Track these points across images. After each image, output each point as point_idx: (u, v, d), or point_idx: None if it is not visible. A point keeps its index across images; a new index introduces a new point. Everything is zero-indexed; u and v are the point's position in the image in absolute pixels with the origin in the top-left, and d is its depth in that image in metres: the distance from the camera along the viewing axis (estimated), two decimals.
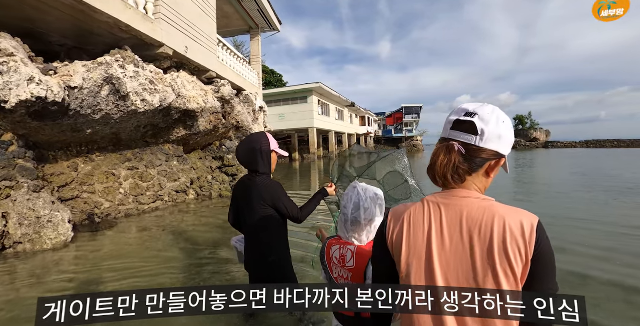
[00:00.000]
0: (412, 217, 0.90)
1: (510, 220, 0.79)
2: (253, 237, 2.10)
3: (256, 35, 14.00)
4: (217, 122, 8.77)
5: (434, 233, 0.85)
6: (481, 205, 0.84)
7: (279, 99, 27.76)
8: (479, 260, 0.80)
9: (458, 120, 0.88)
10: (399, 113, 58.11)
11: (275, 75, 40.41)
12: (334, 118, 31.64)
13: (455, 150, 0.86)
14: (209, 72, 8.99)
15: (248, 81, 11.91)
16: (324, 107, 29.26)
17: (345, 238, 1.42)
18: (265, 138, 2.08)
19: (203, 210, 6.98)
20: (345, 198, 1.42)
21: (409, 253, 0.88)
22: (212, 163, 9.75)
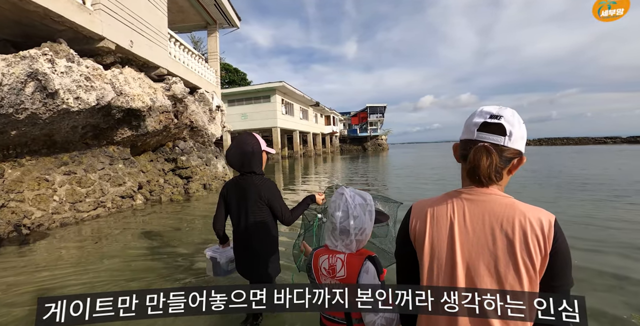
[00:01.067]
0: (435, 210, 0.94)
1: (530, 216, 0.85)
2: (246, 238, 2.08)
3: (214, 31, 13.45)
4: (168, 122, 8.25)
5: (457, 226, 0.90)
6: (503, 201, 0.89)
7: (241, 98, 27.12)
8: (501, 252, 0.84)
9: (485, 122, 0.91)
10: (363, 112, 58.74)
11: (239, 74, 39.55)
12: (298, 117, 31.37)
13: (494, 152, 0.89)
14: (158, 68, 8.45)
15: (204, 79, 11.39)
16: (287, 106, 28.90)
17: (333, 247, 1.33)
18: (255, 140, 2.11)
19: (149, 216, 6.50)
20: (333, 206, 1.33)
21: (432, 245, 0.92)
22: (164, 165, 9.20)
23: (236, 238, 2.16)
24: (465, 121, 1.00)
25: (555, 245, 0.84)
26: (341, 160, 29.24)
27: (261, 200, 2.04)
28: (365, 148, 55.09)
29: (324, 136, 43.84)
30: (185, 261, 3.93)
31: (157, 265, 3.84)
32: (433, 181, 11.42)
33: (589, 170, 13.91)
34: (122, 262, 3.98)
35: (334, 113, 47.27)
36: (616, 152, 30.58)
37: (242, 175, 2.12)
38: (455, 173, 14.17)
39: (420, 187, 10.07)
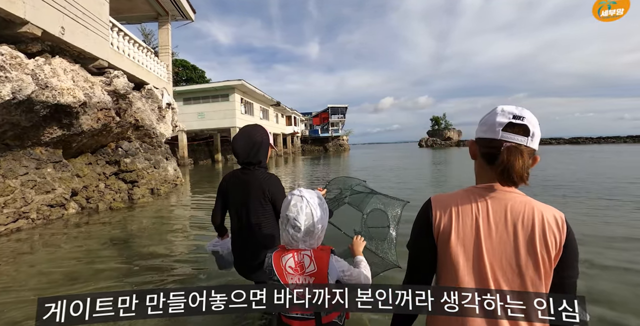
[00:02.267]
0: (459, 206, 0.99)
1: (546, 213, 0.93)
2: (246, 236, 2.01)
3: (165, 23, 12.51)
4: (108, 120, 7.38)
5: (482, 222, 0.95)
6: (521, 199, 0.96)
7: (198, 97, 25.85)
8: (522, 246, 0.91)
9: (511, 122, 0.96)
10: (325, 113, 58.79)
11: (197, 71, 37.95)
12: (258, 117, 30.52)
13: (525, 153, 0.93)
14: (97, 60, 7.54)
15: (153, 74, 10.48)
16: (247, 105, 28.00)
17: (293, 246, 1.39)
18: (265, 131, 2.07)
19: (80, 229, 5.66)
20: (294, 209, 1.37)
21: (458, 240, 0.96)
22: (105, 168, 8.26)
23: (235, 236, 2.08)
24: (484, 119, 1.02)
25: (568, 239, 0.92)
26: (302, 161, 28.85)
27: (265, 196, 1.97)
28: (327, 148, 55.04)
29: (285, 136, 43.19)
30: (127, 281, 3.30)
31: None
32: (394, 183, 11.27)
33: (548, 170, 14.46)
34: (39, 291, 3.27)
35: (295, 113, 46.75)
36: (562, 152, 32.60)
37: (244, 169, 2.04)
38: (415, 174, 14.26)
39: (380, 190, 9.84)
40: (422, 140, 75.91)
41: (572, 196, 7.82)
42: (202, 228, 5.63)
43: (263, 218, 1.99)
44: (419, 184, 10.95)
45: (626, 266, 3.53)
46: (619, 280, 3.25)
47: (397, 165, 20.11)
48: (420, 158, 27.88)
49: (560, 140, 75.93)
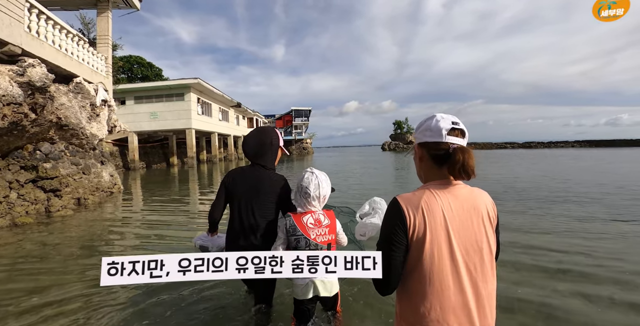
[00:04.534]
0: (427, 204, 1.10)
1: (485, 197, 1.17)
2: (248, 234, 2.01)
3: (105, 10, 11.16)
4: (17, 118, 6.11)
5: (447, 215, 1.09)
6: (468, 189, 1.16)
7: (150, 95, 24.12)
8: (477, 228, 1.11)
9: (453, 127, 1.14)
10: (288, 115, 57.99)
11: (154, 69, 35.85)
12: (217, 118, 29.09)
13: (471, 152, 1.12)
14: (7, 45, 6.28)
15: (86, 66, 9.16)
16: (205, 106, 26.54)
17: (307, 209, 1.91)
18: (276, 134, 2.18)
19: None
20: (307, 181, 1.90)
21: (432, 238, 1.08)
22: (17, 175, 6.92)
23: (234, 233, 2.06)
24: (426, 126, 1.19)
25: (497, 214, 1.18)
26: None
27: (274, 195, 2.03)
28: (290, 152, 54.15)
29: None
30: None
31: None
32: (356, 191, 10.64)
33: (505, 174, 14.46)
34: None
35: (258, 115, 45.47)
36: (516, 155, 33.84)
37: (253, 166, 2.09)
38: (378, 181, 13.81)
39: (343, 199, 9.14)
40: (385, 144, 76.97)
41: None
42: (125, 248, 4.59)
43: (268, 216, 2.04)
44: (385, 188, 10.40)
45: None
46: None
47: (359, 170, 19.66)
48: (383, 164, 27.75)
49: (515, 144, 79.63)
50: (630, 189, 9.20)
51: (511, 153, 45.83)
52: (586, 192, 8.90)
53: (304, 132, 57.81)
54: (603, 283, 3.19)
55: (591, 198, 7.96)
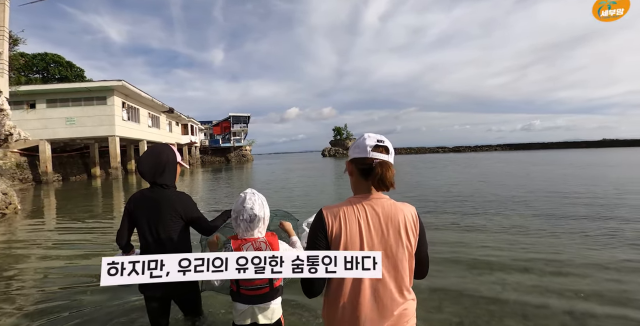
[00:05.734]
0: (346, 214, 1.24)
1: (406, 211, 1.27)
2: (160, 252, 1.82)
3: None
4: None
5: (363, 225, 1.22)
6: (389, 203, 1.28)
7: (66, 98, 21.47)
8: (392, 239, 1.23)
9: (377, 145, 1.28)
10: (226, 122, 55.90)
11: (74, 69, 32.39)
12: (145, 124, 26.83)
13: (391, 166, 1.28)
14: None
15: None
16: (131, 111, 24.30)
17: (247, 236, 1.76)
18: (172, 150, 2.12)
19: None
20: (249, 202, 1.78)
21: (347, 241, 1.22)
22: None
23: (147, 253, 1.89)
24: (356, 144, 1.34)
25: (420, 226, 1.29)
26: (202, 174, 26.15)
27: (176, 214, 1.99)
28: (229, 159, 52.01)
29: (181, 147, 39.37)
30: None
31: None
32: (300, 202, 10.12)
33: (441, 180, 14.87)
34: None
35: (193, 121, 43.12)
36: (448, 159, 35.91)
37: (153, 187, 2.04)
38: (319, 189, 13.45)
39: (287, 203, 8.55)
40: (326, 150, 77.58)
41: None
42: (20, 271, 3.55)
43: (175, 236, 2.00)
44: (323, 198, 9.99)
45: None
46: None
47: (301, 180, 19.20)
48: (323, 171, 27.60)
49: (446, 148, 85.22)
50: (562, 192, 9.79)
51: (443, 157, 48.85)
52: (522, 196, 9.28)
53: (243, 139, 56.01)
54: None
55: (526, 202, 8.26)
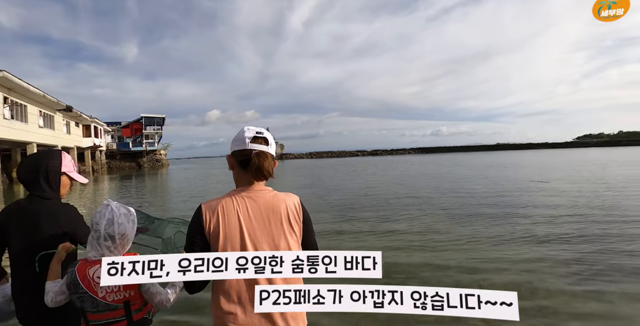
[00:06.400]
0: (224, 207, 1.24)
1: (288, 201, 1.29)
2: (34, 277, 1.66)
3: None
4: None
5: (242, 217, 1.23)
6: (270, 194, 1.30)
7: None
8: (274, 229, 1.24)
9: (255, 136, 1.29)
10: (138, 123, 51.17)
11: None
12: (36, 125, 23.06)
13: (268, 156, 1.30)
14: None
15: None
16: (16, 108, 20.64)
17: (98, 256, 1.43)
18: (57, 158, 1.86)
19: None
20: (98, 216, 1.46)
21: (226, 234, 1.22)
22: None
23: (19, 278, 1.73)
24: (236, 137, 1.34)
25: (304, 216, 1.31)
26: (108, 182, 23.31)
27: (59, 230, 1.72)
28: (141, 165, 47.57)
29: (83, 151, 34.90)
30: None
31: None
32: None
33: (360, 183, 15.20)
34: None
35: (97, 122, 38.58)
36: (367, 162, 37.52)
37: (30, 198, 1.79)
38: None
39: None
40: None
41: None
42: None
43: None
44: None
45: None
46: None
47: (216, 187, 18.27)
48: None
49: (365, 151, 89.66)
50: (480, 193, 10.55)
51: (363, 160, 51.03)
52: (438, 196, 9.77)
53: (157, 142, 51.84)
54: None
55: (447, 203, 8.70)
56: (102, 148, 41.97)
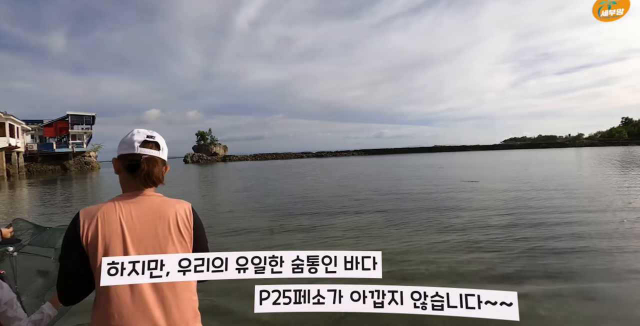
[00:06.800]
0: (105, 214, 1.16)
1: (178, 207, 1.24)
2: None
3: None
4: None
5: (125, 223, 1.16)
6: (160, 200, 1.24)
7: None
8: (161, 235, 1.18)
9: (145, 140, 1.23)
10: (63, 122, 46.62)
11: None
12: None
13: (159, 162, 1.25)
14: None
15: None
16: None
17: None
18: None
19: None
20: None
21: (106, 242, 1.13)
22: None
23: None
24: (123, 140, 1.26)
25: (195, 223, 1.26)
26: (27, 188, 20.98)
27: None
28: (67, 168, 43.46)
29: None
30: None
31: None
32: None
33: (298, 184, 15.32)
34: None
35: (13, 120, 34.58)
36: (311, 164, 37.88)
37: None
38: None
39: None
40: (188, 156, 72.42)
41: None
42: None
43: None
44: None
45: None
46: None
47: None
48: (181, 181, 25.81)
49: (310, 153, 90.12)
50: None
51: (308, 161, 51.41)
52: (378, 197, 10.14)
53: (85, 143, 47.71)
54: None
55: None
56: (20, 150, 37.71)
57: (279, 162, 60.50)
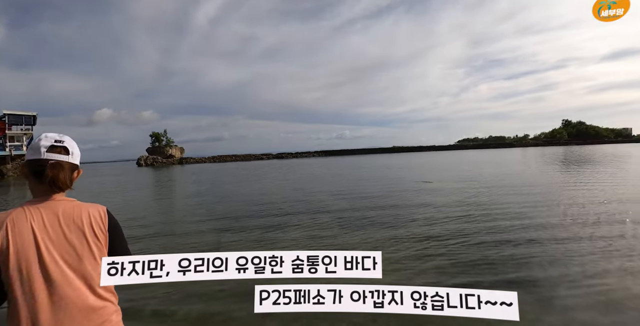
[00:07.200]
0: (15, 221, 1.12)
1: (92, 210, 1.24)
2: None
3: None
4: None
5: (37, 229, 1.12)
6: (71, 204, 1.23)
7: None
8: (76, 238, 1.17)
9: (53, 145, 1.22)
10: (0, 122, 42.82)
11: None
12: None
13: (66, 166, 1.22)
14: None
15: None
16: None
17: None
18: None
19: None
20: None
21: (18, 250, 1.09)
22: None
23: None
24: (31, 145, 1.26)
25: (111, 225, 1.27)
26: None
27: None
28: (4, 173, 40.00)
29: None
30: None
31: None
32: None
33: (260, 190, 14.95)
34: None
35: None
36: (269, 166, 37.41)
37: None
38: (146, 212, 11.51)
39: None
40: (142, 159, 68.99)
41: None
42: None
43: None
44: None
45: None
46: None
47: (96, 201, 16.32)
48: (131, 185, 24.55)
49: (270, 155, 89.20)
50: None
51: (268, 163, 50.89)
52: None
53: (25, 146, 44.08)
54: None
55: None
56: None
57: (238, 163, 59.27)
